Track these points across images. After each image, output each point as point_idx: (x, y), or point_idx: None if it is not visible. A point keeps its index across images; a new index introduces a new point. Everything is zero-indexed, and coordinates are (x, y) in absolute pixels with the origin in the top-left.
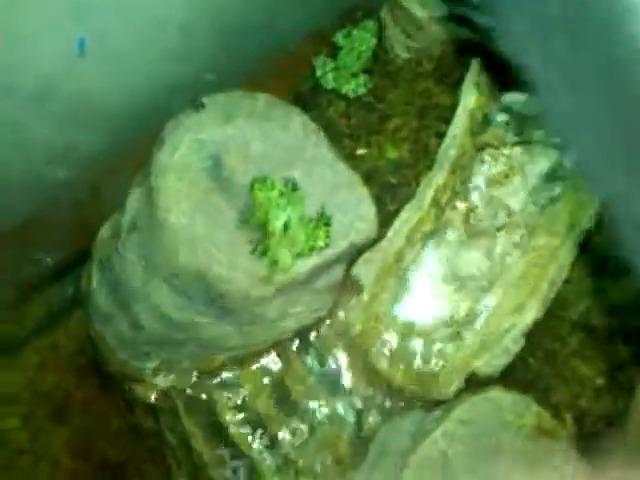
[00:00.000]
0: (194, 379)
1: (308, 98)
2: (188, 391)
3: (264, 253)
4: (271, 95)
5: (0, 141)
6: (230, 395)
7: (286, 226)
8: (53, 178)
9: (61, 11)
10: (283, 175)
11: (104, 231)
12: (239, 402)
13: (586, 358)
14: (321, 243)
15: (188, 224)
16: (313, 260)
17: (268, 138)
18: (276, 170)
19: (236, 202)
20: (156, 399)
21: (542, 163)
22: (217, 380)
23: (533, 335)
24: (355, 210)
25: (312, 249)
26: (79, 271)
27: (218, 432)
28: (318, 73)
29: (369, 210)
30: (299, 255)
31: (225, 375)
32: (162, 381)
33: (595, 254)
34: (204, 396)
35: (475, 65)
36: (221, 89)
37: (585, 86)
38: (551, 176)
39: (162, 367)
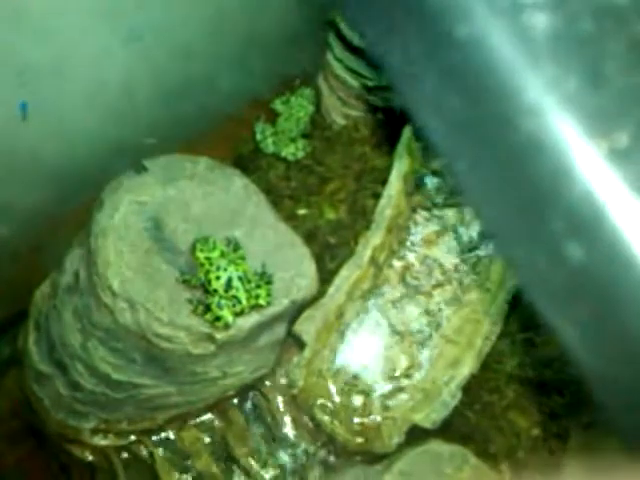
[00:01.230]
0: (133, 438)
1: (249, 161)
2: (127, 450)
3: (205, 311)
4: (212, 158)
5: None
6: (170, 454)
7: (227, 285)
8: None
9: (4, 75)
10: (225, 235)
11: (42, 290)
12: (180, 461)
13: (522, 409)
14: (262, 301)
15: (128, 283)
16: (254, 318)
17: (209, 199)
18: (217, 230)
19: (177, 262)
20: (94, 459)
21: (473, 224)
22: (157, 439)
23: (470, 388)
24: (296, 268)
25: (253, 307)
26: (16, 330)
27: None
28: (258, 137)
29: (309, 268)
30: (240, 313)
31: (165, 434)
32: (100, 441)
33: (526, 310)
34: (144, 455)
35: (407, 132)
36: (162, 152)
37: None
38: (481, 236)
39: (100, 427)
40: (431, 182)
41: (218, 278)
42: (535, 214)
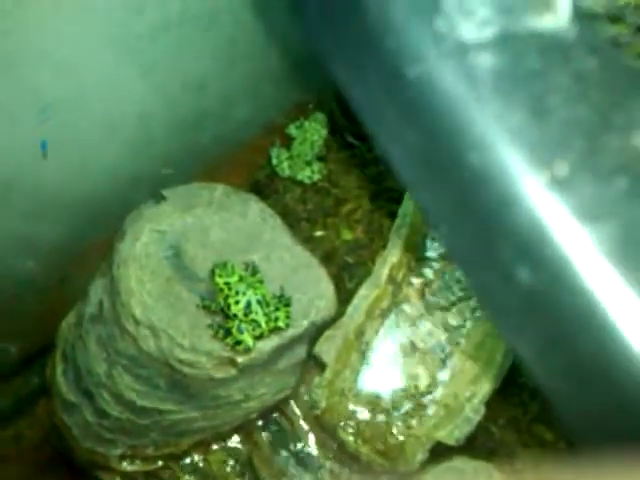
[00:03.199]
0: (160, 463)
1: (265, 186)
2: (155, 476)
3: (226, 336)
4: (228, 184)
5: None
6: (198, 479)
7: (247, 309)
8: (18, 269)
9: (26, 114)
10: (243, 260)
11: (68, 320)
12: None
13: (548, 423)
14: (281, 324)
15: (150, 311)
16: (274, 341)
17: (227, 225)
18: (236, 255)
19: (197, 288)
20: None
21: None
22: (184, 464)
23: (494, 403)
24: (314, 289)
25: (273, 330)
26: (44, 361)
27: None
28: (274, 162)
29: (328, 288)
30: (260, 336)
31: (192, 458)
32: (128, 466)
33: None
34: None
35: None
36: (179, 181)
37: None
38: None
39: (127, 453)
40: None
41: (237, 302)
42: (486, 241)
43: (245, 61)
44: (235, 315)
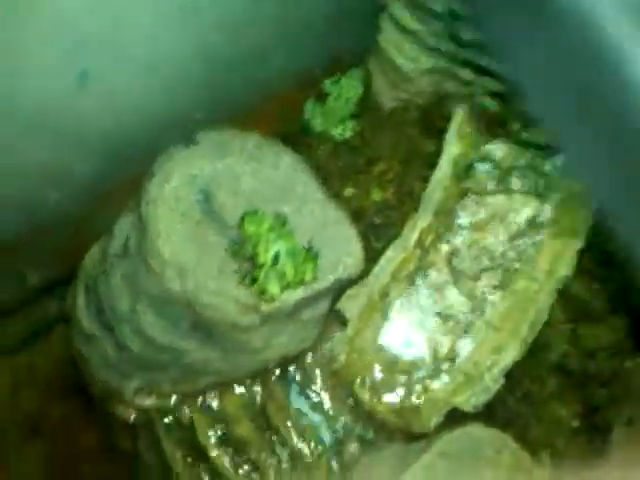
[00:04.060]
0: (176, 400)
1: (295, 139)
2: (169, 412)
3: (252, 283)
4: (262, 134)
5: None
6: (211, 419)
7: (275, 258)
8: (46, 200)
9: (62, 48)
10: (273, 210)
11: (92, 254)
12: (220, 426)
13: (564, 400)
14: (309, 277)
15: (178, 252)
16: (300, 292)
17: (258, 175)
18: (266, 205)
19: (226, 234)
20: (136, 419)
21: (523, 211)
22: (198, 403)
23: (512, 375)
24: (343, 247)
25: (300, 282)
26: (64, 291)
27: (198, 454)
28: (307, 116)
29: (356, 247)
30: (287, 287)
31: (207, 399)
32: (143, 401)
33: (572, 301)
34: (185, 418)
35: (459, 115)
36: (209, 127)
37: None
38: (532, 224)
39: (144, 388)
40: (482, 167)
41: (266, 251)
42: None
43: (283, 8)
44: (263, 264)
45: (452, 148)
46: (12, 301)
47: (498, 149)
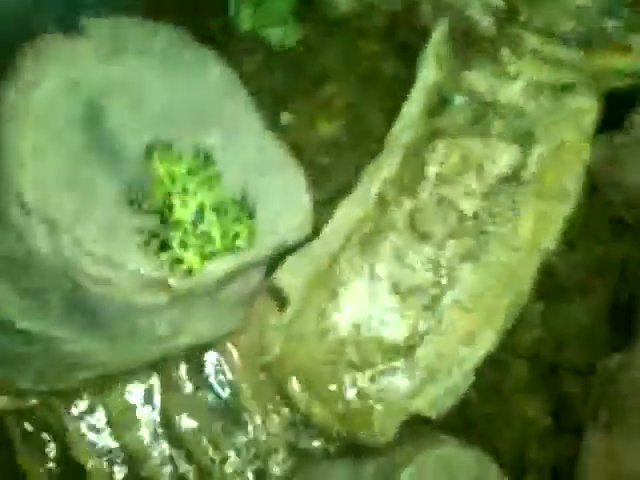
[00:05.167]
0: (39, 401)
1: (217, 43)
2: (30, 417)
3: (162, 249)
4: (177, 28)
5: None
6: (88, 424)
7: (197, 216)
8: None
9: None
10: (192, 142)
11: None
12: (101, 433)
13: (532, 394)
14: (241, 242)
15: (48, 196)
16: (229, 263)
17: (172, 88)
18: (182, 134)
19: (121, 172)
20: None
21: (502, 161)
22: (73, 404)
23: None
24: (287, 199)
25: (229, 249)
26: None
27: (68, 471)
28: (232, 10)
29: (304, 200)
30: (211, 256)
31: (85, 399)
32: None
33: (547, 273)
34: (52, 424)
35: (440, 30)
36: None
37: None
38: (511, 178)
39: None
40: (459, 102)
41: (185, 204)
42: None
43: None
44: (178, 222)
45: (428, 74)
46: None
47: (480, 79)
